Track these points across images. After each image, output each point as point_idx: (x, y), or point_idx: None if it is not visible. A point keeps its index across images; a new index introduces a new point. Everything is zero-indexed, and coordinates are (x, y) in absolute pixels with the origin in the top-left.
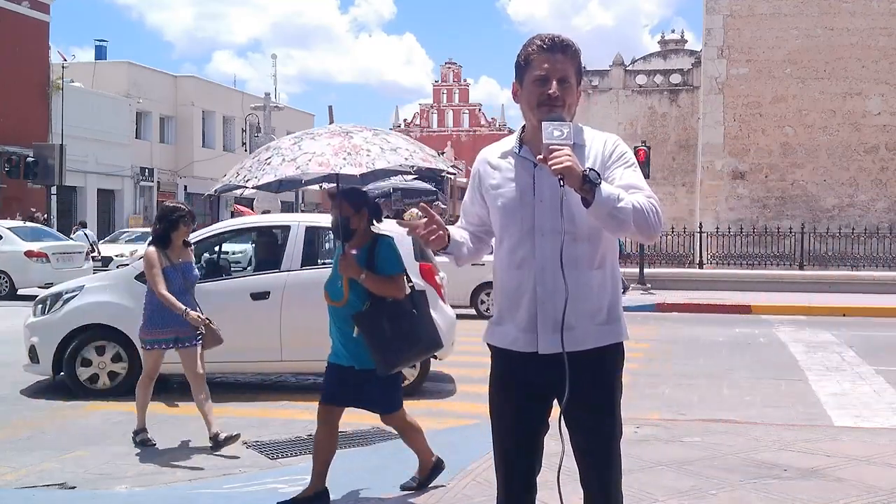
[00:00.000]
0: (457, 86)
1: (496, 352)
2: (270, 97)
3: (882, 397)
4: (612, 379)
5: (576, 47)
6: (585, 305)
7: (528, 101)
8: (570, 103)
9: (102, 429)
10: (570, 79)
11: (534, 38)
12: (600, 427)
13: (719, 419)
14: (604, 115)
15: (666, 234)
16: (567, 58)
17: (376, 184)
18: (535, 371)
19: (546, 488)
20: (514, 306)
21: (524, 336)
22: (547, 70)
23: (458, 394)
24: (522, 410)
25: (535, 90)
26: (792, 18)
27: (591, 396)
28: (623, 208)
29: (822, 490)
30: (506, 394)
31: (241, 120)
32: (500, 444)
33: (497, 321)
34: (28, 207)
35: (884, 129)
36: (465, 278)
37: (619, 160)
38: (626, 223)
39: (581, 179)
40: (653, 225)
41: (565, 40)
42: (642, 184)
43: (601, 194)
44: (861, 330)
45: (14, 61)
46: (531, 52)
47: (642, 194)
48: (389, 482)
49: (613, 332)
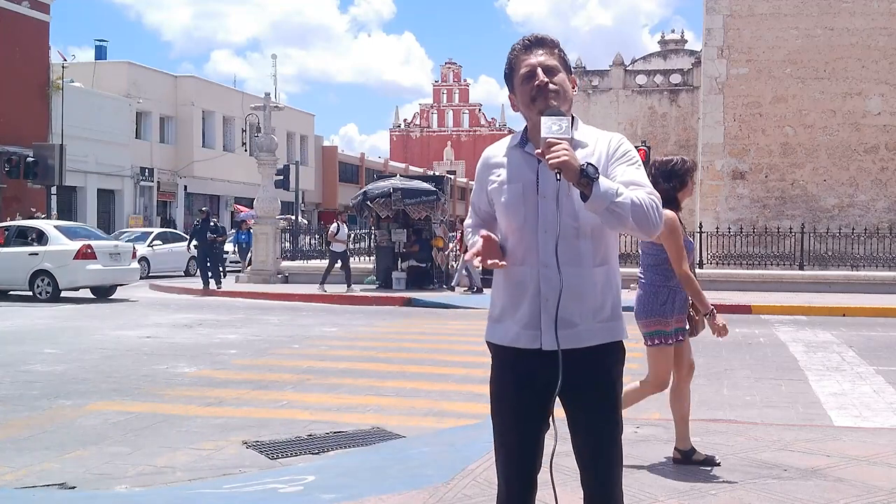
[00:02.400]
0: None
1: (497, 350)
2: (270, 97)
3: (882, 397)
4: (613, 378)
5: (553, 39)
6: (588, 302)
7: (523, 100)
8: (564, 90)
9: (102, 429)
10: (555, 68)
11: (513, 46)
12: (601, 427)
13: (719, 419)
14: (604, 115)
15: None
16: (547, 49)
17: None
18: (537, 368)
19: (546, 488)
20: (517, 303)
21: (526, 333)
22: (530, 65)
23: (459, 394)
24: (524, 408)
25: (526, 87)
26: (792, 18)
27: (591, 396)
28: (622, 203)
29: (822, 490)
30: (507, 392)
31: (241, 120)
32: (501, 442)
33: (497, 318)
34: (28, 207)
35: (884, 129)
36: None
37: (623, 157)
38: (625, 218)
39: (578, 173)
40: (653, 221)
41: (541, 35)
42: (644, 181)
43: (599, 189)
44: (861, 330)
45: (14, 61)
46: (512, 57)
47: (643, 190)
48: (389, 482)
49: (616, 329)
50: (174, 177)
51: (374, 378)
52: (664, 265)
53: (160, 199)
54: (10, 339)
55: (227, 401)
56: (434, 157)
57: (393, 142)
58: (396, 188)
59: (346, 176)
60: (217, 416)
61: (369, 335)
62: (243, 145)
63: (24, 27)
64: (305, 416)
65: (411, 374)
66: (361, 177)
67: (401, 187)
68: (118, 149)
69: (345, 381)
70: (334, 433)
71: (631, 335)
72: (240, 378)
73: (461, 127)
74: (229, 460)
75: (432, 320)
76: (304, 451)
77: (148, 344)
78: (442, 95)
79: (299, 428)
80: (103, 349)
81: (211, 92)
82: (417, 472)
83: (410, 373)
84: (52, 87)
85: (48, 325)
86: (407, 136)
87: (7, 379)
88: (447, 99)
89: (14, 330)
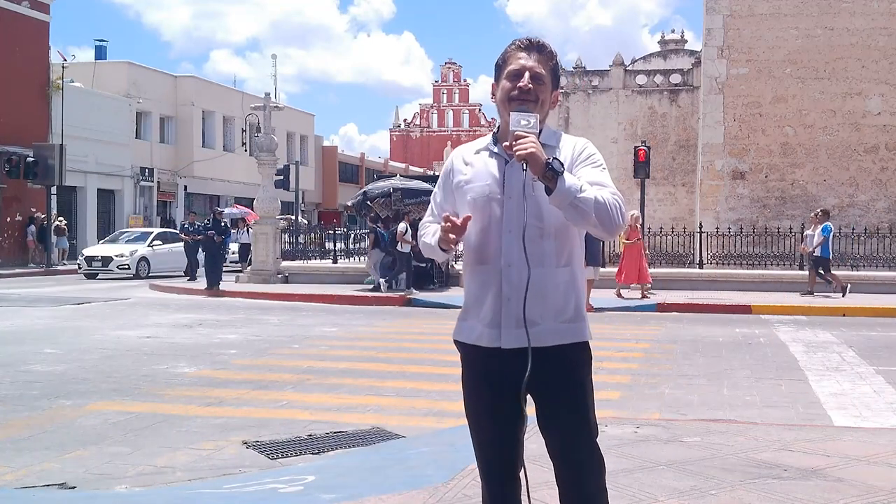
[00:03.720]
0: (457, 86)
1: (463, 348)
2: (270, 97)
3: (882, 397)
4: (580, 378)
5: (552, 50)
6: (551, 303)
7: (502, 95)
8: (542, 100)
9: (102, 429)
10: (543, 77)
11: (513, 40)
12: (570, 427)
13: (719, 419)
14: (604, 115)
15: (666, 234)
16: (542, 57)
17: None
18: (499, 366)
19: (547, 488)
20: (480, 302)
21: (489, 332)
22: (521, 66)
23: (459, 394)
24: (494, 405)
25: (508, 84)
26: (792, 18)
27: (558, 396)
28: (585, 198)
29: (822, 490)
30: (477, 389)
31: (241, 120)
32: (476, 439)
33: (463, 317)
34: (28, 207)
35: (884, 129)
36: None
37: (587, 160)
38: (588, 214)
39: (544, 167)
40: (614, 219)
41: (542, 42)
42: (608, 182)
43: (563, 183)
44: (861, 330)
45: (14, 61)
46: (508, 51)
47: (607, 190)
48: (389, 482)
49: (578, 330)
50: (174, 177)
51: (374, 378)
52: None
53: (160, 199)
54: (10, 339)
55: (227, 401)
56: (434, 157)
57: (393, 142)
58: (396, 188)
59: (346, 176)
60: (217, 416)
61: (369, 335)
62: (243, 145)
63: (24, 27)
64: (305, 416)
65: (411, 374)
66: (361, 177)
67: (401, 187)
68: (118, 149)
69: (345, 381)
70: (334, 433)
71: (631, 335)
72: (240, 378)
73: (461, 127)
74: (229, 460)
75: (432, 320)
76: (304, 451)
77: (148, 344)
78: (442, 95)
79: (299, 428)
80: (103, 349)
81: (211, 92)
82: (417, 471)
83: (410, 373)
84: (52, 87)
85: (48, 325)
86: (407, 136)
87: (7, 379)
88: (447, 99)
89: (14, 330)
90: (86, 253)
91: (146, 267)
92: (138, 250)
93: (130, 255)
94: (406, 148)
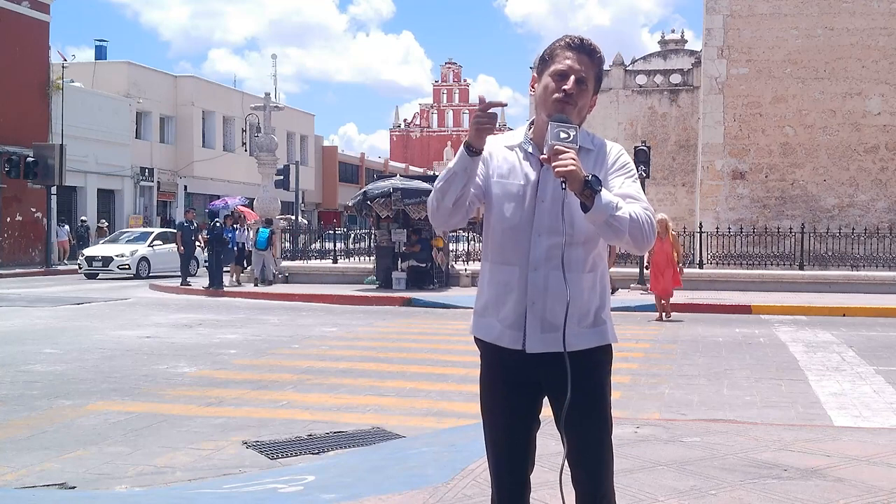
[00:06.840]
0: (457, 85)
1: (484, 346)
2: (270, 97)
3: (882, 397)
4: (600, 380)
5: (601, 56)
6: (576, 308)
7: (543, 94)
8: (581, 105)
9: (102, 429)
10: (587, 81)
11: (564, 36)
12: (589, 427)
13: (719, 419)
14: (604, 115)
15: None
16: (591, 61)
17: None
18: (521, 368)
19: (547, 488)
20: (500, 302)
21: (510, 333)
22: (568, 66)
23: (459, 394)
24: (511, 405)
25: (552, 84)
26: (792, 18)
27: (578, 397)
28: (620, 217)
29: (822, 490)
30: (495, 388)
31: (241, 120)
32: (490, 438)
33: (481, 313)
34: (28, 207)
35: (884, 129)
36: None
37: (622, 169)
38: (622, 232)
39: (583, 184)
40: (647, 236)
41: (593, 45)
42: (640, 195)
43: (601, 201)
44: (861, 330)
45: (14, 61)
46: (557, 47)
47: (639, 205)
48: (389, 482)
49: (600, 334)
50: (174, 177)
51: (374, 378)
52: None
53: (160, 199)
54: (10, 339)
55: (227, 401)
56: (434, 156)
57: (393, 142)
58: (396, 188)
59: (346, 176)
60: (217, 416)
61: (369, 335)
62: (243, 145)
63: (24, 27)
64: (305, 416)
65: (411, 374)
66: (361, 177)
67: (401, 187)
68: (118, 149)
69: (345, 381)
70: (334, 433)
71: (631, 335)
72: (240, 378)
73: (461, 127)
74: (229, 460)
75: (432, 320)
76: (304, 451)
77: (148, 344)
78: (442, 95)
79: (299, 428)
80: (103, 349)
81: (211, 92)
82: (417, 471)
83: (410, 373)
84: (52, 87)
85: (48, 325)
86: (407, 135)
87: (7, 379)
88: (447, 99)
89: (14, 330)
90: (86, 253)
91: (146, 267)
92: (138, 250)
93: (131, 255)
94: (406, 148)
